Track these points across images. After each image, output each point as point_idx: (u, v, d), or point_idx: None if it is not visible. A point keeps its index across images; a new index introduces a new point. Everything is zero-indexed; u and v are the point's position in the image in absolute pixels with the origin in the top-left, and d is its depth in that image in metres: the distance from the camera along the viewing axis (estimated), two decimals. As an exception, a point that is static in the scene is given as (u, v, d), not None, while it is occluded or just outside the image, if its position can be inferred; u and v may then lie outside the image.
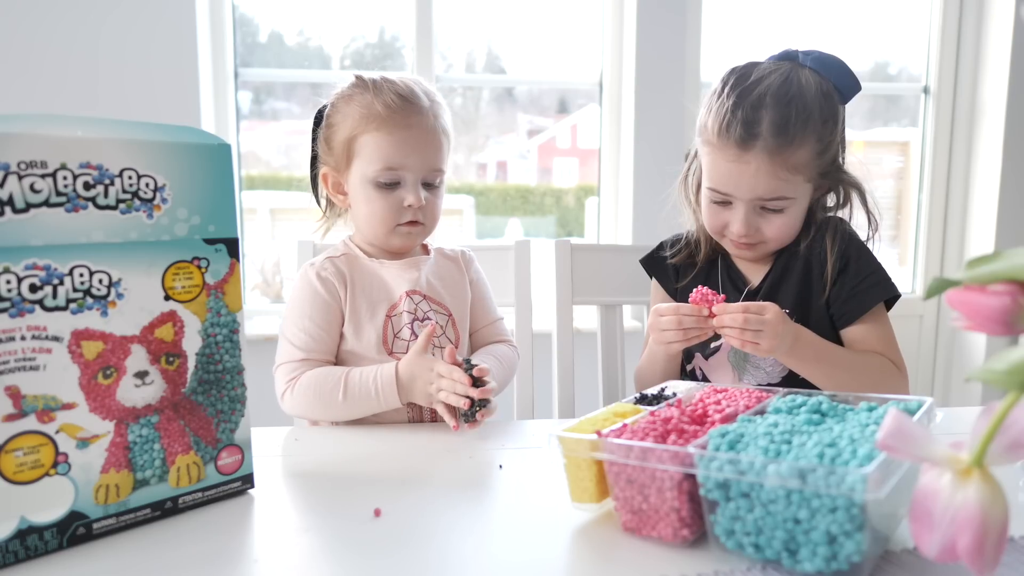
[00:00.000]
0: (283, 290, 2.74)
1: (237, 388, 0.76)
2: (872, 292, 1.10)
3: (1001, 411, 0.45)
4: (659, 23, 2.56)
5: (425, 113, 1.10)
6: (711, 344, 1.16)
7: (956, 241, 2.93)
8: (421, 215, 1.11)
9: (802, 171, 1.06)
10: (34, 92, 2.25)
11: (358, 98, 1.11)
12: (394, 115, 1.08)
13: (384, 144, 1.08)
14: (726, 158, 1.06)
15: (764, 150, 1.03)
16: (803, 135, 1.04)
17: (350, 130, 1.10)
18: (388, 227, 1.11)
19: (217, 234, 0.73)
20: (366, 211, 1.11)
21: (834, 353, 1.06)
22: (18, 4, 2.22)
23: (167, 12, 2.30)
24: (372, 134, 1.08)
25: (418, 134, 1.09)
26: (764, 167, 1.04)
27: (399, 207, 1.10)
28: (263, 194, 2.74)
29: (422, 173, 1.10)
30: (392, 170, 1.08)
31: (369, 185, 1.09)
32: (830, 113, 1.07)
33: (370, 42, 2.76)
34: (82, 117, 0.66)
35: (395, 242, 1.14)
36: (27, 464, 0.62)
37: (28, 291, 0.61)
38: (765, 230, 1.10)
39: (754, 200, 1.07)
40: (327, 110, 1.15)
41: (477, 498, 0.77)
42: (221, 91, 2.50)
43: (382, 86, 1.11)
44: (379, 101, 1.08)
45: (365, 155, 1.09)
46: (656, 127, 2.56)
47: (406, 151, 1.08)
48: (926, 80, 2.94)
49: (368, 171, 1.09)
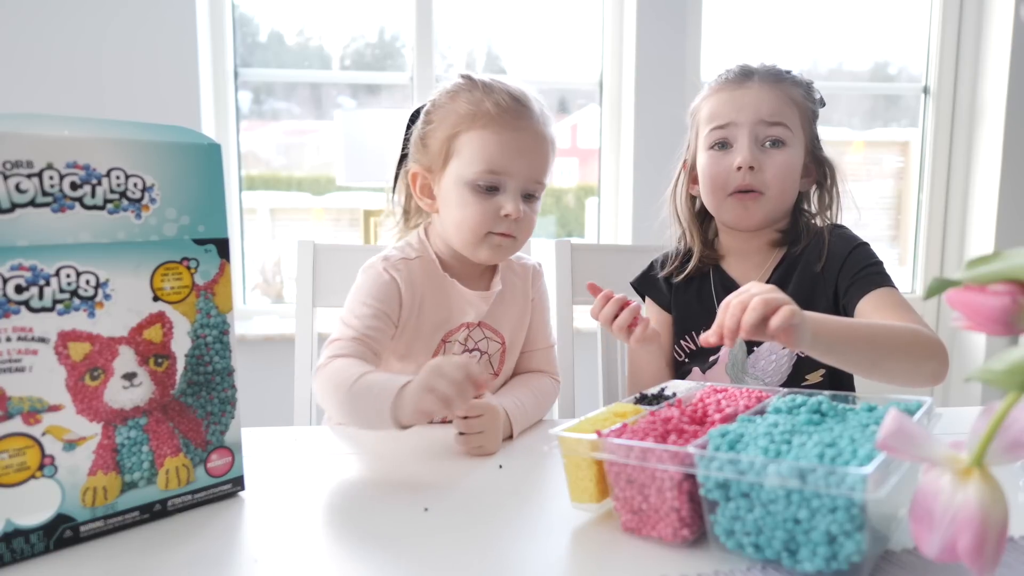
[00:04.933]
0: (283, 290, 2.73)
1: (227, 390, 0.75)
2: (875, 278, 1.06)
3: (1001, 411, 0.45)
4: (659, 23, 2.55)
5: (536, 118, 1.03)
6: (709, 357, 1.15)
7: (956, 241, 2.92)
8: (516, 228, 1.03)
9: (798, 106, 1.11)
10: (34, 92, 2.25)
11: (465, 95, 1.02)
12: (504, 115, 1.00)
13: (490, 144, 0.99)
14: (727, 91, 1.12)
15: (762, 80, 1.11)
16: (793, 80, 1.13)
17: (452, 127, 1.02)
18: (479, 236, 1.02)
19: (207, 234, 0.72)
20: (457, 216, 1.02)
21: (863, 325, 0.94)
22: (18, 4, 2.22)
23: (167, 12, 2.30)
24: (477, 132, 1.00)
25: (527, 138, 1.01)
26: (766, 88, 1.10)
27: (495, 215, 1.01)
28: (263, 194, 2.74)
29: (524, 182, 1.02)
30: (494, 173, 1.00)
31: (465, 188, 1.01)
32: (808, 84, 1.15)
33: (370, 42, 2.76)
34: (69, 116, 0.65)
35: (482, 254, 1.04)
36: (13, 466, 0.61)
37: (14, 292, 0.60)
38: (767, 168, 1.09)
39: (756, 124, 1.09)
40: (427, 107, 1.07)
41: (477, 498, 0.76)
42: (221, 91, 2.50)
43: (493, 85, 1.03)
44: (489, 99, 1.00)
45: (466, 155, 1.01)
46: (656, 127, 2.55)
47: (511, 155, 1.00)
48: (926, 80, 2.94)
49: (467, 172, 1.00)
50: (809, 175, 1.16)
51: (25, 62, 2.24)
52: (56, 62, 2.25)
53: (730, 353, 1.13)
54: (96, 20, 2.26)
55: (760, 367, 1.12)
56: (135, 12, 2.28)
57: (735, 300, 0.80)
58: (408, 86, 2.65)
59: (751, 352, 1.12)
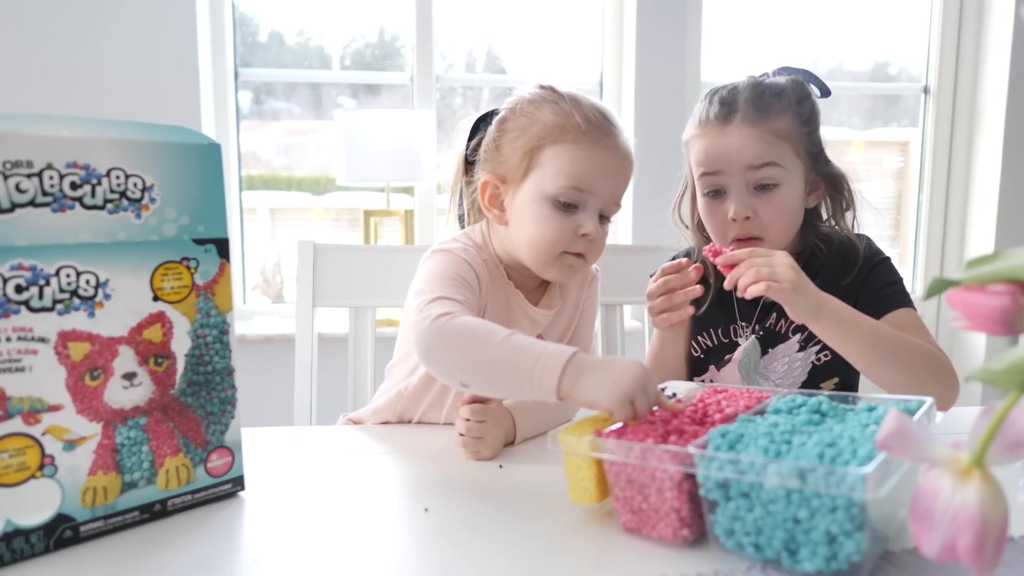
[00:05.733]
0: (283, 290, 2.73)
1: (227, 390, 0.75)
2: (895, 298, 1.06)
3: (1001, 411, 0.45)
4: (659, 23, 2.55)
5: (622, 138, 1.00)
6: (725, 356, 1.15)
7: (956, 241, 2.92)
8: (589, 248, 1.00)
9: (787, 139, 1.06)
10: (33, 92, 2.25)
11: (551, 106, 0.99)
12: (594, 131, 0.96)
13: (579, 160, 0.96)
14: (710, 136, 1.07)
15: (744, 121, 1.05)
16: (779, 106, 1.06)
17: (536, 138, 0.98)
18: (554, 253, 0.98)
19: (207, 234, 0.72)
20: (534, 231, 0.98)
21: (873, 323, 0.96)
22: (18, 4, 2.22)
23: (167, 12, 2.30)
24: (565, 146, 0.96)
25: (614, 157, 0.98)
26: (747, 133, 1.05)
27: (573, 233, 0.97)
28: (263, 194, 2.74)
29: (605, 202, 0.99)
30: (578, 191, 0.96)
31: (546, 202, 0.97)
32: (804, 94, 1.10)
33: (370, 42, 2.76)
34: (69, 116, 0.65)
35: (552, 272, 1.01)
36: (12, 466, 0.61)
37: (13, 292, 0.60)
38: (762, 214, 1.06)
39: (745, 171, 1.05)
40: (503, 113, 1.04)
41: (477, 498, 0.76)
42: (221, 91, 2.50)
43: (580, 99, 0.99)
44: (579, 112, 0.97)
45: (551, 168, 0.96)
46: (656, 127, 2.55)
47: (598, 173, 0.97)
48: (926, 80, 2.94)
49: (550, 187, 0.96)
50: (817, 189, 1.13)
51: (25, 62, 2.24)
52: (56, 62, 2.25)
53: (744, 352, 1.13)
54: (96, 20, 2.26)
55: (773, 368, 1.11)
56: (135, 12, 2.28)
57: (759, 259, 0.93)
58: (408, 86, 2.65)
59: (765, 353, 1.12)
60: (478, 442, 0.89)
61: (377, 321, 1.60)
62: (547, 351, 0.77)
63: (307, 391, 1.28)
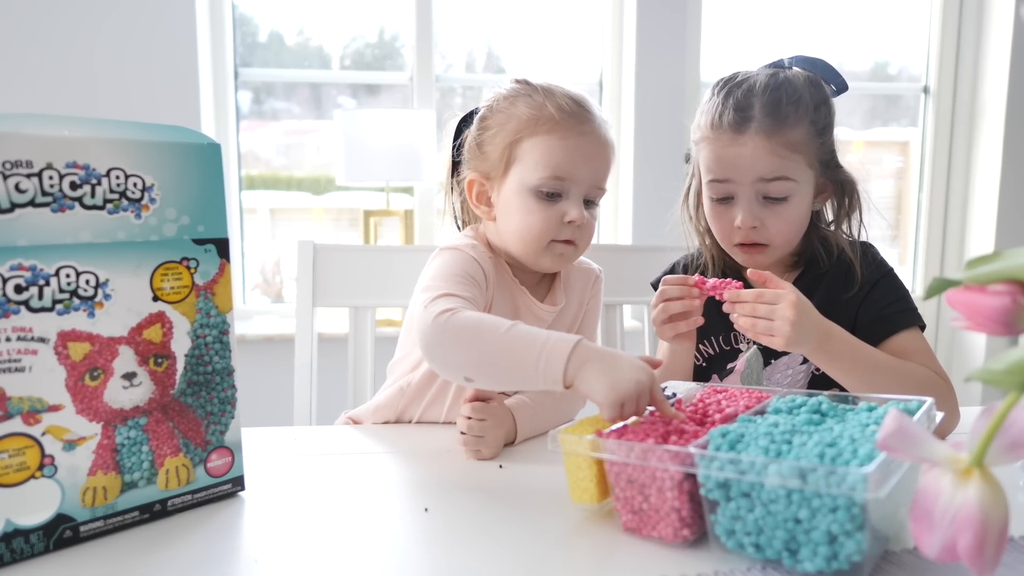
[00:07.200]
0: (283, 290, 2.73)
1: (227, 390, 0.75)
2: (899, 317, 1.04)
3: (1001, 411, 0.45)
4: (659, 23, 2.55)
5: (598, 123, 1.02)
6: (728, 364, 1.14)
7: (956, 241, 2.92)
8: (578, 234, 1.01)
9: (801, 151, 1.03)
10: (33, 92, 2.25)
11: (525, 100, 1.01)
12: (568, 119, 0.98)
13: (556, 149, 0.97)
14: (722, 144, 1.04)
15: (759, 131, 1.02)
16: (796, 115, 1.03)
17: (513, 133, 1.00)
18: (543, 243, 1.00)
19: (207, 234, 0.72)
20: (520, 224, 1.00)
21: (873, 355, 0.97)
22: (18, 4, 2.22)
23: (167, 12, 2.30)
24: (541, 138, 0.98)
25: (591, 143, 1.00)
26: (761, 145, 1.02)
27: (558, 222, 0.99)
28: (263, 194, 2.74)
29: (587, 187, 1.00)
30: (559, 179, 0.98)
31: (529, 194, 0.99)
32: (821, 99, 1.06)
33: (370, 42, 2.76)
34: (68, 116, 0.65)
35: (544, 262, 1.02)
36: (12, 466, 0.61)
37: (13, 292, 0.60)
38: (770, 224, 1.05)
39: (756, 183, 1.03)
40: (482, 112, 1.05)
41: (477, 498, 0.76)
42: (221, 91, 2.50)
43: (553, 89, 1.01)
44: (551, 103, 0.99)
45: (529, 161, 0.99)
46: (656, 127, 2.56)
47: (577, 160, 0.98)
48: (926, 80, 2.94)
49: (531, 178, 0.98)
50: (824, 191, 1.11)
51: (25, 62, 2.24)
52: (56, 62, 2.25)
53: (747, 362, 1.12)
54: (96, 20, 2.26)
55: (775, 380, 1.11)
56: (135, 12, 2.28)
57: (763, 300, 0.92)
58: (408, 86, 2.65)
59: (768, 364, 1.12)
60: (479, 441, 0.89)
61: (377, 321, 1.60)
62: (552, 339, 0.77)
63: (307, 391, 1.28)
